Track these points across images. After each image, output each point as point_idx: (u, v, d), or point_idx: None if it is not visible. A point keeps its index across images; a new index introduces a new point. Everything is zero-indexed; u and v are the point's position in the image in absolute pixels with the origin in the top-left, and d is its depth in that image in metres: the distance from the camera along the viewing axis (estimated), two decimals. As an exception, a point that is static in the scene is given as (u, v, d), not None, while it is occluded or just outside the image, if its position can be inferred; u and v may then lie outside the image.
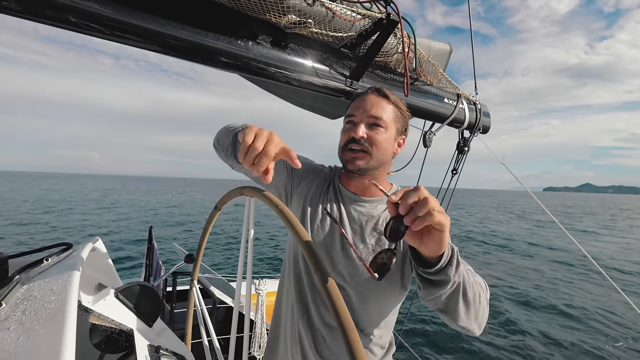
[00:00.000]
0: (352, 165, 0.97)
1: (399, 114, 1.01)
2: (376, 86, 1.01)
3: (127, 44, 1.01)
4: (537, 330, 6.76)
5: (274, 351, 1.12)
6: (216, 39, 1.06)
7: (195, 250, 1.23)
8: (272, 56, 1.17)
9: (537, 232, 21.69)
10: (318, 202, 1.05)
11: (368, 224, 1.00)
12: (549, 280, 10.34)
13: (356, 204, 1.03)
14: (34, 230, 15.66)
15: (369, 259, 0.93)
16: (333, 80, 1.31)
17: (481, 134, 1.86)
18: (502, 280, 10.16)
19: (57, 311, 0.55)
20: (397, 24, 1.21)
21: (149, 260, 3.66)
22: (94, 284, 0.93)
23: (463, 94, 1.77)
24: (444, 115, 1.67)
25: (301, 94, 1.51)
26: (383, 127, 0.96)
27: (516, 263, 12.53)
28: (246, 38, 1.12)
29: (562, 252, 14.52)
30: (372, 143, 0.96)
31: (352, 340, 0.45)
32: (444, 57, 1.69)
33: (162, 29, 1.00)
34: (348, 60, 1.36)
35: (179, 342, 1.04)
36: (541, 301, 8.43)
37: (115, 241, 13.49)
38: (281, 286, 1.13)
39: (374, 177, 1.01)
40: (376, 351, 1.02)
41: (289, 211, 0.64)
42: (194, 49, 1.05)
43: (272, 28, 1.16)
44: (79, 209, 25.54)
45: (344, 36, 1.26)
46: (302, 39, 1.24)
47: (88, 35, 0.97)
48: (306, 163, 1.13)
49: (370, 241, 0.97)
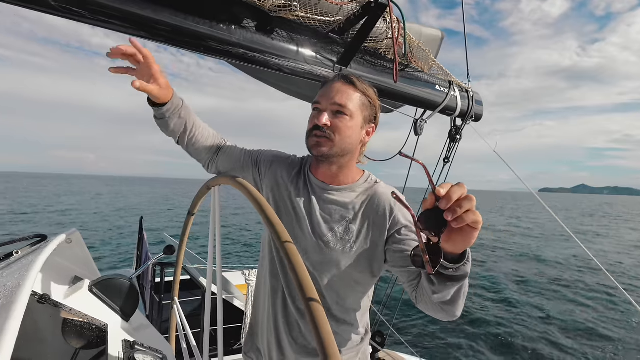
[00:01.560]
0: (316, 151, 0.97)
1: (367, 102, 0.99)
2: (344, 73, 1.02)
3: (110, 29, 0.99)
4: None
5: (253, 336, 1.14)
6: (199, 22, 1.04)
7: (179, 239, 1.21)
8: (257, 41, 1.15)
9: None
10: (286, 192, 1.05)
11: (337, 212, 1.00)
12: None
13: (325, 192, 1.03)
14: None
15: (337, 248, 0.96)
16: (320, 67, 1.29)
17: (474, 121, 1.85)
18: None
19: (3, 308, 0.53)
20: (385, 7, 1.18)
21: (140, 252, 3.66)
22: (70, 277, 0.91)
23: (455, 81, 1.75)
24: (435, 103, 1.65)
25: (289, 80, 1.49)
26: (348, 115, 0.95)
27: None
28: (230, 22, 1.09)
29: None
30: (335, 131, 0.95)
31: (317, 315, 0.44)
32: (436, 43, 1.66)
33: (143, 13, 0.97)
34: (336, 45, 1.34)
35: (160, 338, 1.02)
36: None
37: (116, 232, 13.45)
38: (259, 273, 1.15)
39: (341, 165, 1.01)
40: (352, 337, 1.04)
41: (255, 190, 0.64)
42: (177, 33, 1.03)
43: (256, 12, 1.13)
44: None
45: (332, 20, 1.24)
46: (288, 23, 1.21)
47: (69, 19, 0.94)
48: (272, 154, 1.14)
49: (338, 229, 0.98)
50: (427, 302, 0.83)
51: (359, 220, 0.98)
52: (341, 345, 1.03)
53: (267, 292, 1.06)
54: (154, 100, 0.97)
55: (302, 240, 1.00)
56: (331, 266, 0.97)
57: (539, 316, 7.45)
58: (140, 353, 0.77)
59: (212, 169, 1.16)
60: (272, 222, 0.58)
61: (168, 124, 1.02)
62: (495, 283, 9.81)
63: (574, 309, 8.02)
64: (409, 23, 1.51)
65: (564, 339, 6.35)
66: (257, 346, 1.12)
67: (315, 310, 0.45)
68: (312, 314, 0.45)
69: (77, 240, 0.96)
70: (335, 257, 0.97)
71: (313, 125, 0.97)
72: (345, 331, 1.03)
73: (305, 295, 0.46)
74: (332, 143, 0.95)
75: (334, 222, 0.99)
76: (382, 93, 1.47)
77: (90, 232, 14.51)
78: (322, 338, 0.45)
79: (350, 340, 1.04)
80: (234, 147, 1.16)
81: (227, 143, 1.17)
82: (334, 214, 1.00)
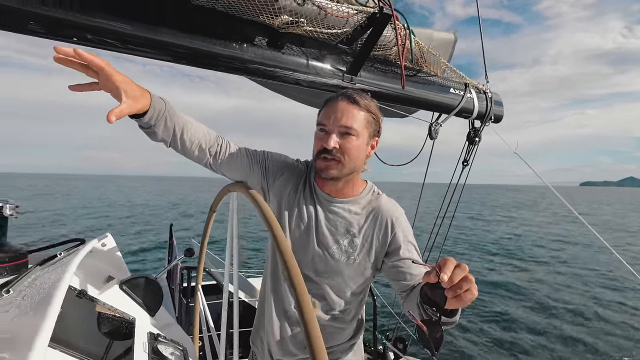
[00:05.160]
0: (325, 174, 1.00)
1: (371, 118, 1.01)
2: (346, 92, 1.01)
3: (137, 55, 1.11)
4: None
5: (259, 328, 1.21)
6: (214, 43, 1.13)
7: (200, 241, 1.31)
8: (269, 57, 1.23)
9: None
10: (294, 201, 1.09)
11: (341, 225, 1.05)
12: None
13: (331, 204, 1.07)
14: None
15: (341, 259, 1.02)
16: (331, 77, 1.35)
17: (493, 123, 1.82)
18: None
19: (46, 297, 0.62)
20: (390, 17, 1.23)
21: (170, 257, 3.90)
22: (104, 276, 1.03)
23: (471, 83, 1.74)
24: (450, 106, 1.65)
25: (303, 91, 1.56)
26: (354, 136, 0.97)
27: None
28: (242, 41, 1.18)
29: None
30: (344, 152, 0.97)
31: (308, 320, 0.50)
32: (448, 46, 1.67)
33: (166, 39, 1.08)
34: (345, 55, 1.39)
35: (183, 334, 1.11)
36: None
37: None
38: (265, 274, 1.21)
39: (347, 180, 1.04)
40: (348, 331, 1.15)
41: (266, 205, 0.71)
42: (195, 54, 1.13)
43: (267, 29, 1.21)
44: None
45: (340, 32, 1.29)
46: (297, 37, 1.28)
47: (103, 49, 1.07)
48: (280, 159, 1.14)
49: (343, 242, 1.04)
50: (413, 311, 0.89)
51: (363, 234, 1.04)
52: (337, 340, 1.13)
53: (270, 294, 1.13)
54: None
55: (308, 250, 1.05)
56: (334, 275, 1.05)
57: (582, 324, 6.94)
58: (163, 344, 0.86)
59: (215, 169, 1.08)
60: (278, 240, 0.65)
61: (155, 131, 0.90)
62: (527, 290, 9.18)
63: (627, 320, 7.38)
64: (419, 28, 1.54)
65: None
66: (261, 337, 1.18)
67: (307, 318, 0.51)
68: (305, 323, 0.51)
69: (110, 243, 1.09)
70: (339, 268, 1.04)
71: (321, 147, 0.99)
72: (341, 327, 1.12)
73: (303, 313, 0.53)
74: (342, 165, 0.98)
75: (339, 235, 1.04)
76: (395, 99, 1.51)
77: (122, 237, 15.29)
78: (311, 339, 0.51)
79: (344, 334, 1.14)
80: (235, 147, 1.08)
81: (224, 141, 1.07)
82: (339, 226, 1.05)
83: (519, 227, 21.92)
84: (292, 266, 0.61)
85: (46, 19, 0.90)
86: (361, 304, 1.16)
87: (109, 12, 0.99)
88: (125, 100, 0.78)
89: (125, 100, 0.78)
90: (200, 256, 1.29)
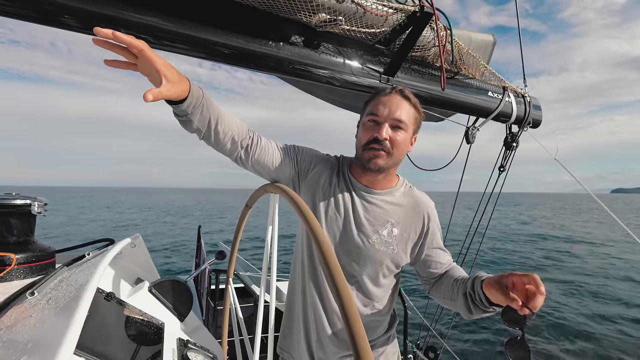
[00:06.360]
0: (373, 164, 1.00)
1: (417, 115, 1.05)
2: (399, 87, 1.04)
3: (172, 52, 1.10)
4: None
5: (288, 334, 1.18)
6: (250, 41, 1.11)
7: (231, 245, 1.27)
8: (305, 55, 1.19)
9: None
10: (329, 193, 1.08)
11: (380, 216, 1.06)
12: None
13: (369, 195, 1.08)
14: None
15: (381, 249, 1.04)
16: (367, 77, 1.30)
17: (531, 128, 1.73)
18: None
19: (73, 300, 0.59)
20: (431, 16, 1.18)
21: (198, 259, 3.88)
22: (133, 278, 1.00)
23: (510, 87, 1.67)
24: (488, 110, 1.58)
25: (336, 92, 1.52)
26: (404, 129, 1.01)
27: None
28: (279, 39, 1.15)
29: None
30: (394, 145, 1.00)
31: (352, 319, 0.46)
32: (487, 49, 1.60)
33: (202, 35, 1.06)
34: (383, 56, 1.34)
35: (212, 340, 1.07)
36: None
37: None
38: (293, 274, 1.18)
39: (388, 173, 1.07)
40: (385, 324, 1.16)
41: (305, 205, 0.67)
42: (230, 52, 1.11)
43: (304, 28, 1.18)
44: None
45: (378, 32, 1.25)
46: (334, 37, 1.25)
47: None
48: (311, 153, 1.12)
49: (382, 232, 1.05)
50: (441, 299, 1.08)
51: (401, 224, 1.07)
52: (376, 333, 1.13)
53: (303, 290, 1.11)
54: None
55: (346, 241, 1.05)
56: (374, 264, 1.06)
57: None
58: (193, 351, 0.83)
59: (245, 163, 1.02)
60: (320, 241, 0.60)
61: (192, 120, 0.86)
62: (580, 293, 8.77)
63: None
64: (458, 29, 1.48)
65: None
66: (296, 340, 1.14)
67: (351, 316, 0.47)
68: (348, 321, 0.47)
69: (140, 244, 1.05)
70: (379, 257, 1.05)
71: (371, 137, 1.00)
72: (383, 319, 1.14)
73: (345, 310, 0.48)
74: (390, 157, 1.01)
75: (378, 225, 1.06)
76: (432, 102, 1.45)
77: (153, 242, 15.60)
78: (356, 338, 0.46)
79: (381, 327, 1.15)
80: (266, 141, 1.04)
81: (255, 134, 1.02)
82: (378, 216, 1.06)
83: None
84: (337, 272, 0.56)
85: (80, 12, 0.90)
86: (394, 297, 1.18)
87: (144, 6, 0.98)
88: (165, 84, 0.75)
89: (165, 83, 0.75)
90: (231, 255, 1.26)
